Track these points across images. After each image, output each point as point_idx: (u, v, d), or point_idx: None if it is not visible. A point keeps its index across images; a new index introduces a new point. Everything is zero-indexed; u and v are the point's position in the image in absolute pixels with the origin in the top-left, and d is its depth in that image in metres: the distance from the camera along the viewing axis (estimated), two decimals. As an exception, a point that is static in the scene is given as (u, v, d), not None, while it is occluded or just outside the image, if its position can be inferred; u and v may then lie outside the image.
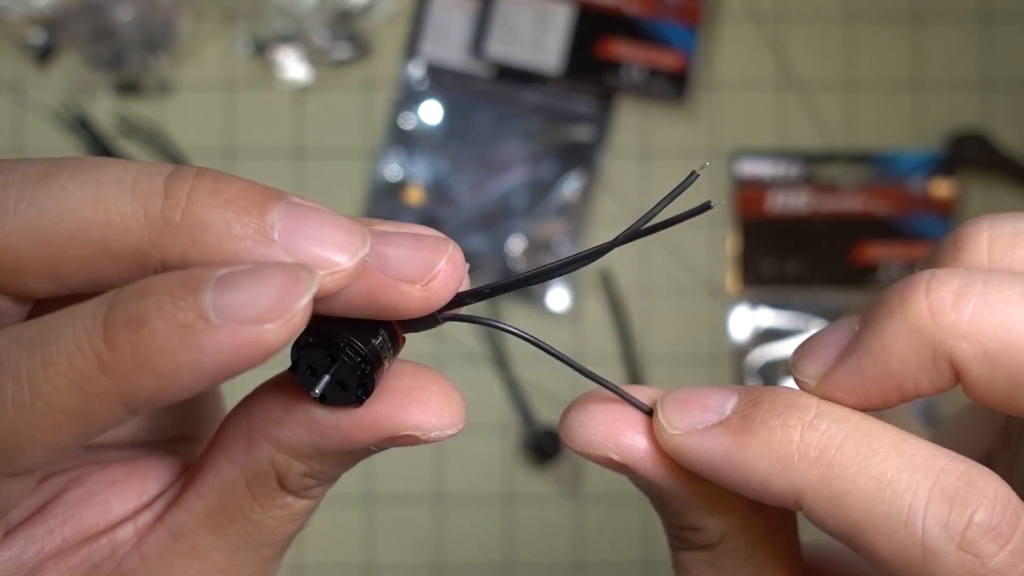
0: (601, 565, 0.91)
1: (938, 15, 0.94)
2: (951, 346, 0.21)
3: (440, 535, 0.90)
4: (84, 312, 0.20)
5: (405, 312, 0.23)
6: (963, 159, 0.92)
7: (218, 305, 0.19)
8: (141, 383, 0.19)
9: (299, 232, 0.21)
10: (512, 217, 0.92)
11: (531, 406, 0.90)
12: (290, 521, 0.25)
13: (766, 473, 0.22)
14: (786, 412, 0.22)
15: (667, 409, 0.24)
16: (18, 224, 0.21)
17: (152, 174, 0.21)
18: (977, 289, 0.21)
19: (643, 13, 0.92)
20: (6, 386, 0.20)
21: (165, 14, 0.91)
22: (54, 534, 0.25)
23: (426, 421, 0.23)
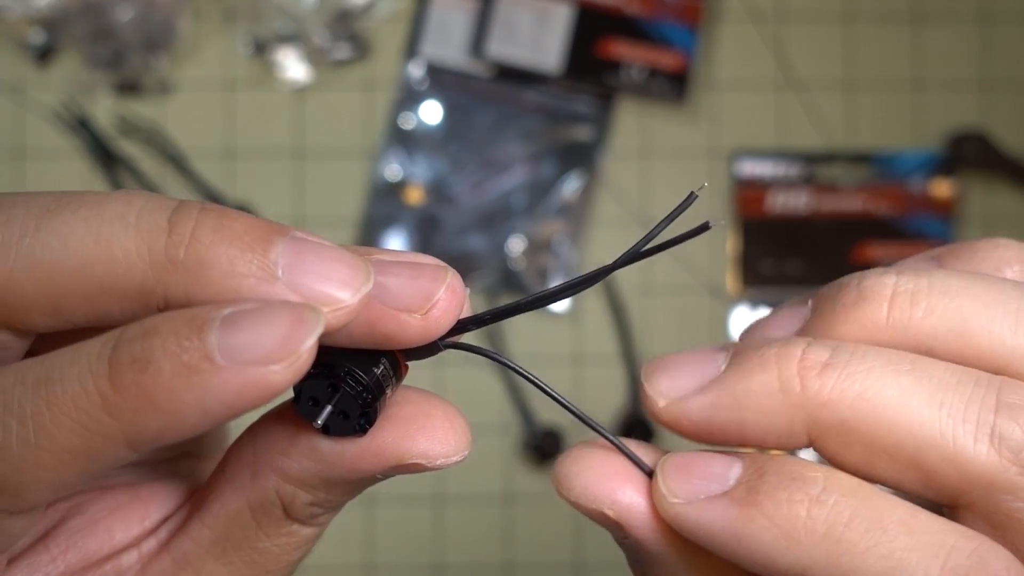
0: (601, 565, 0.91)
1: (938, 15, 0.94)
2: (811, 412, 0.22)
3: (440, 535, 0.90)
4: (89, 351, 0.20)
5: (405, 342, 0.23)
6: (963, 159, 0.92)
7: (223, 345, 0.19)
8: (146, 423, 0.19)
9: (302, 269, 0.21)
10: (512, 217, 0.92)
11: (531, 406, 0.90)
12: (294, 548, 0.25)
13: (771, 548, 0.21)
14: (792, 485, 0.21)
15: (668, 475, 0.23)
16: (21, 261, 0.21)
17: (155, 209, 0.21)
18: (843, 360, 0.22)
19: (643, 13, 0.92)
20: (10, 425, 0.20)
21: (165, 14, 0.91)
22: (57, 562, 0.24)
23: (431, 449, 0.23)
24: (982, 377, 0.22)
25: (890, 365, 0.22)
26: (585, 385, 0.91)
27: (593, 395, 0.91)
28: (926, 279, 0.23)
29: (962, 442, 0.21)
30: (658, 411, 0.23)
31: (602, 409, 0.91)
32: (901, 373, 0.22)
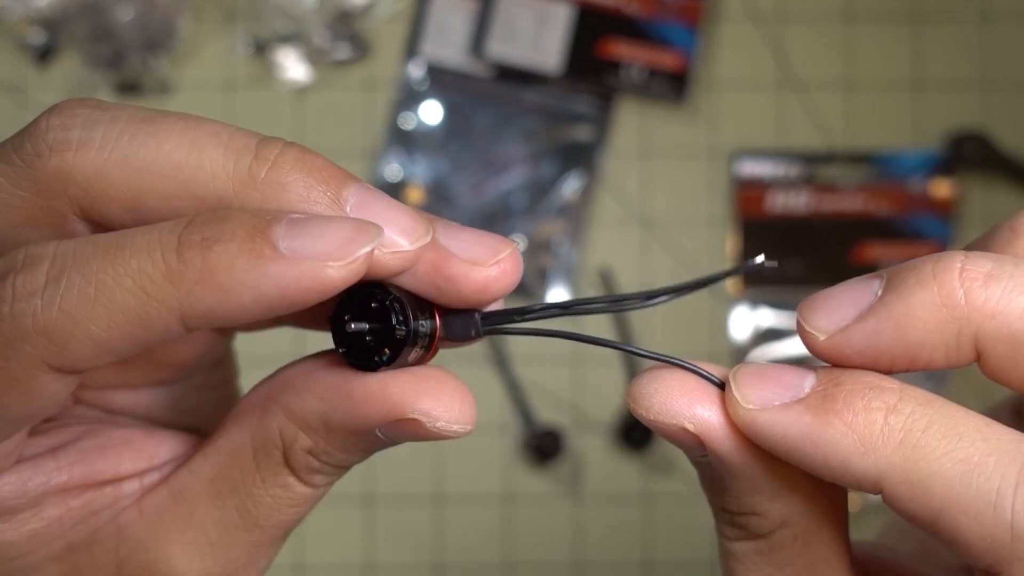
0: (601, 565, 0.91)
1: (938, 15, 0.94)
2: (979, 324, 0.21)
3: (440, 535, 0.90)
4: (162, 227, 0.21)
5: (463, 289, 0.24)
6: (963, 159, 0.92)
7: (288, 239, 0.21)
8: (202, 295, 0.21)
9: (369, 210, 0.23)
10: (512, 217, 0.92)
11: (531, 406, 0.90)
12: (287, 505, 0.25)
13: (848, 454, 0.21)
14: (870, 394, 0.22)
15: (741, 384, 0.23)
16: (117, 153, 0.22)
17: (246, 135, 0.23)
18: (1008, 272, 0.22)
19: (643, 13, 0.92)
20: (74, 278, 0.21)
21: (165, 14, 0.91)
22: (61, 472, 0.25)
23: (434, 410, 0.24)
24: None
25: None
26: (585, 385, 0.91)
27: (593, 395, 0.91)
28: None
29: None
30: (819, 346, 0.23)
31: (602, 409, 0.91)
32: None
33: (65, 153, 0.22)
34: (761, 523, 0.24)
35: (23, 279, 0.21)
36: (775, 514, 0.24)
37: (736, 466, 0.24)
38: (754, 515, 0.24)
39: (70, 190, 0.22)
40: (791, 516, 0.24)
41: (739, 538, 0.25)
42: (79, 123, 0.23)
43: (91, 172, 0.22)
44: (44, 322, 0.21)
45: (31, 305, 0.21)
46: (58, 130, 0.23)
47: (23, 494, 0.24)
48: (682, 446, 0.24)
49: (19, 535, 0.25)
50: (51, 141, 0.23)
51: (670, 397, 0.24)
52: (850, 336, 0.23)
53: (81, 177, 0.22)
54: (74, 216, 0.23)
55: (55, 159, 0.22)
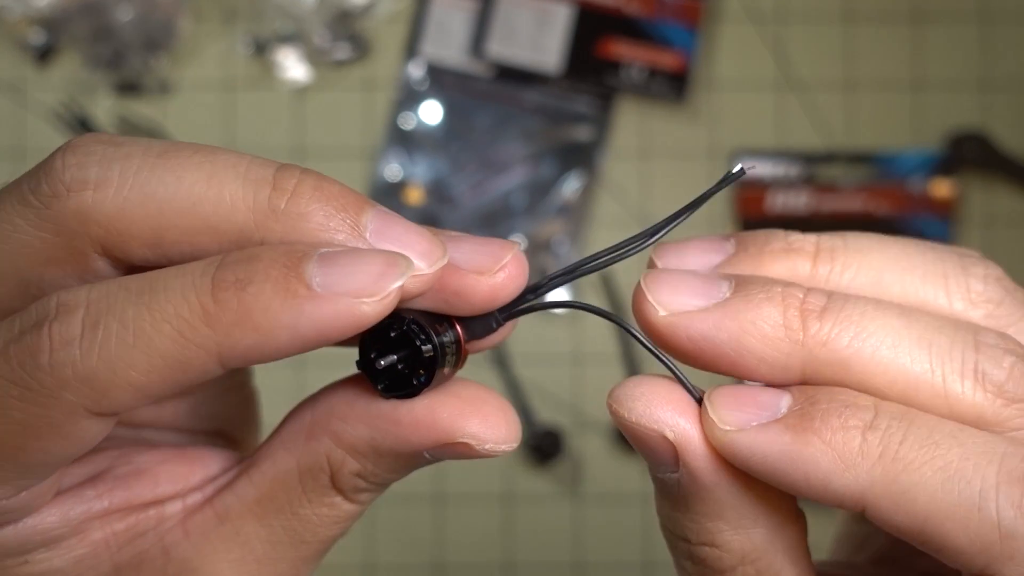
0: (601, 565, 0.91)
1: (938, 15, 0.94)
2: (810, 349, 0.23)
3: (440, 535, 0.90)
4: (193, 269, 0.22)
5: (472, 300, 0.24)
6: (963, 159, 0.92)
7: (320, 276, 0.21)
8: (240, 337, 0.21)
9: (387, 235, 0.23)
10: (512, 217, 0.92)
11: (531, 406, 0.90)
12: (333, 523, 0.26)
13: (828, 472, 0.22)
14: (846, 412, 0.22)
15: (717, 405, 0.23)
16: (135, 192, 0.22)
17: (263, 164, 0.23)
18: (839, 304, 0.23)
19: (643, 13, 0.92)
20: (111, 326, 0.21)
21: (165, 14, 0.91)
22: (103, 497, 0.26)
23: (483, 432, 0.24)
24: (960, 323, 0.23)
25: (880, 310, 0.23)
26: (585, 385, 0.91)
27: (593, 395, 0.91)
28: (841, 239, 0.25)
29: (950, 380, 0.22)
30: (655, 320, 0.24)
31: (602, 409, 0.91)
32: (892, 316, 0.23)
33: (84, 193, 0.22)
34: (721, 557, 0.24)
35: (59, 327, 0.21)
36: (736, 546, 0.24)
37: (706, 485, 0.24)
38: (713, 547, 0.24)
39: (91, 230, 0.22)
40: (753, 551, 0.24)
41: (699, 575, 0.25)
42: (95, 161, 0.23)
43: (112, 211, 0.22)
44: (84, 370, 0.21)
45: (70, 354, 0.21)
46: (75, 169, 0.22)
47: (66, 523, 0.25)
48: (655, 457, 0.24)
49: (66, 561, 0.25)
50: (68, 181, 0.22)
51: (654, 403, 0.24)
52: (691, 321, 0.23)
53: (102, 216, 0.22)
54: (95, 254, 0.23)
55: (74, 199, 0.22)
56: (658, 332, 0.24)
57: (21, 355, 0.21)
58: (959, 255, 0.25)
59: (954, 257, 0.25)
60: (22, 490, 0.23)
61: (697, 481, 0.24)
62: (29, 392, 0.21)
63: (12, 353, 0.21)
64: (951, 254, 0.25)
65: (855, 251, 0.25)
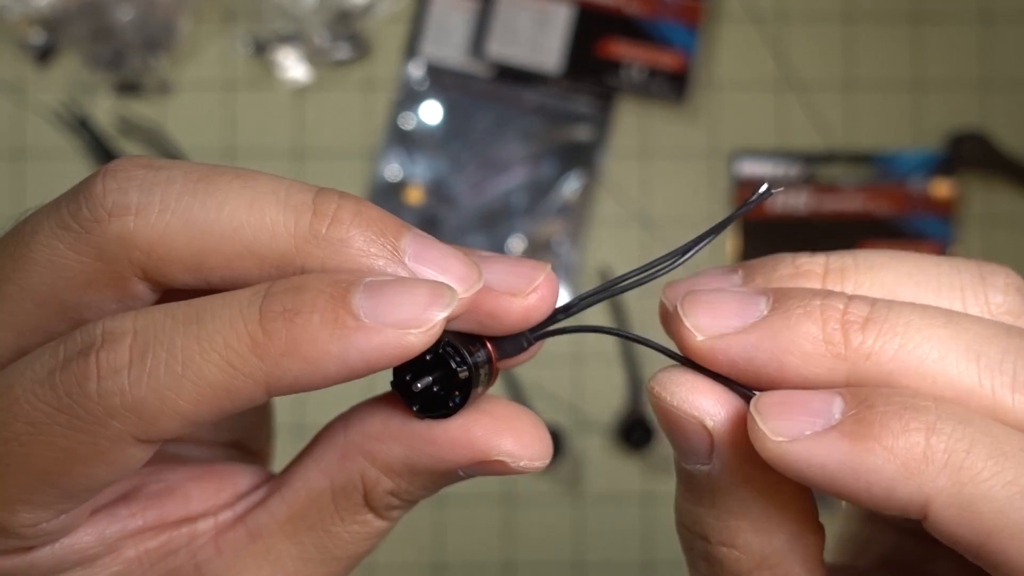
0: (601, 565, 0.91)
1: (938, 15, 0.94)
2: (853, 363, 0.22)
3: (440, 535, 0.90)
4: (240, 298, 0.22)
5: (506, 322, 0.24)
6: (963, 159, 0.92)
7: (367, 307, 0.21)
8: (288, 367, 0.21)
9: (426, 259, 0.23)
10: (512, 217, 0.92)
11: (531, 406, 0.90)
12: (364, 539, 0.26)
13: (892, 480, 0.21)
14: (906, 415, 0.21)
15: (766, 414, 0.22)
16: (177, 217, 0.22)
17: (302, 189, 0.23)
18: (883, 314, 0.22)
19: (643, 13, 0.92)
20: (160, 355, 0.21)
21: (165, 14, 0.91)
22: (136, 517, 0.26)
23: (517, 450, 0.24)
24: (1012, 329, 0.22)
25: (927, 318, 0.22)
26: (585, 385, 0.91)
27: (593, 395, 0.91)
28: (851, 258, 0.25)
29: (1000, 393, 0.22)
30: (694, 345, 0.23)
31: (602, 409, 0.91)
32: (938, 326, 0.22)
33: (125, 218, 0.22)
34: (739, 560, 0.24)
35: (107, 356, 0.21)
36: (756, 550, 0.24)
37: (736, 480, 0.23)
38: (733, 548, 0.24)
39: (132, 255, 0.22)
40: (772, 556, 0.24)
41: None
42: (136, 186, 0.23)
43: (154, 236, 0.22)
44: (133, 400, 0.21)
45: (118, 383, 0.21)
46: (116, 194, 0.22)
47: (102, 542, 0.25)
48: (688, 446, 0.24)
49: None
50: (110, 206, 0.22)
51: (698, 390, 0.23)
52: (729, 344, 0.23)
53: (143, 242, 0.22)
54: (135, 278, 0.23)
55: (116, 224, 0.22)
56: (699, 357, 0.23)
57: (68, 383, 0.21)
58: (977, 265, 0.24)
59: (972, 268, 0.24)
60: (62, 514, 0.23)
61: (728, 475, 0.23)
62: (76, 420, 0.21)
63: (58, 381, 0.21)
64: (968, 265, 0.24)
65: (866, 269, 0.25)
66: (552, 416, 0.90)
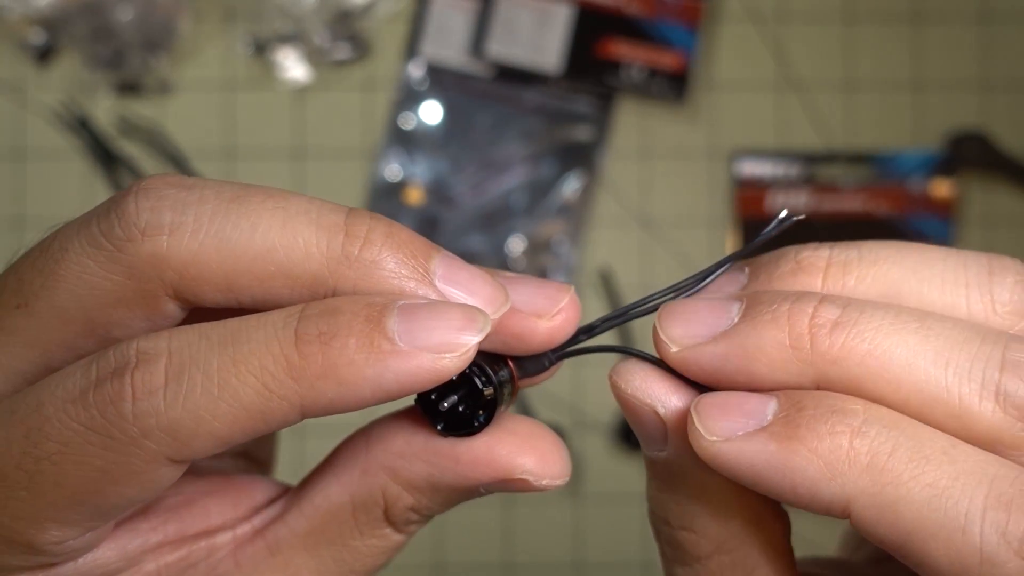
0: (601, 565, 0.91)
1: (938, 15, 0.94)
2: (821, 368, 0.22)
3: (440, 535, 0.90)
4: (275, 320, 0.22)
5: (531, 343, 0.25)
6: (963, 159, 0.92)
7: (402, 330, 0.22)
8: (324, 390, 0.21)
9: (455, 281, 0.24)
10: (512, 217, 0.92)
11: (531, 406, 0.90)
12: (381, 553, 0.26)
13: (815, 480, 0.21)
14: (833, 418, 0.21)
15: (703, 414, 0.23)
16: (211, 237, 0.22)
17: (334, 210, 0.23)
18: (853, 319, 0.22)
19: (643, 13, 0.92)
20: (196, 377, 0.21)
21: (165, 14, 0.91)
22: (157, 530, 0.26)
23: (540, 468, 0.24)
24: (988, 334, 0.22)
25: (898, 323, 0.22)
26: (585, 385, 0.91)
27: (593, 395, 0.91)
28: (856, 250, 0.25)
29: (967, 400, 0.21)
30: (669, 356, 0.24)
31: (602, 409, 0.91)
32: (908, 331, 0.22)
33: (159, 238, 0.22)
34: (698, 543, 0.24)
35: (142, 376, 0.21)
36: (713, 533, 0.24)
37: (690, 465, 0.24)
38: (692, 532, 0.24)
39: (165, 274, 0.22)
40: (729, 540, 0.24)
41: (678, 561, 0.25)
42: (169, 205, 0.23)
43: (187, 257, 0.22)
44: (168, 421, 0.21)
45: (154, 404, 0.21)
46: (149, 213, 0.22)
47: (124, 557, 0.25)
48: (645, 432, 0.24)
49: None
50: (143, 225, 0.22)
51: (652, 380, 0.24)
52: (700, 354, 0.23)
53: (177, 262, 0.22)
54: (166, 297, 0.23)
55: (148, 244, 0.22)
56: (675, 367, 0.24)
57: (102, 403, 0.21)
58: (987, 260, 0.24)
59: (981, 263, 0.24)
60: (89, 531, 0.23)
61: (682, 460, 0.24)
62: (110, 440, 0.21)
63: (92, 400, 0.21)
64: (977, 259, 0.24)
65: (870, 262, 0.24)
66: (552, 416, 0.90)
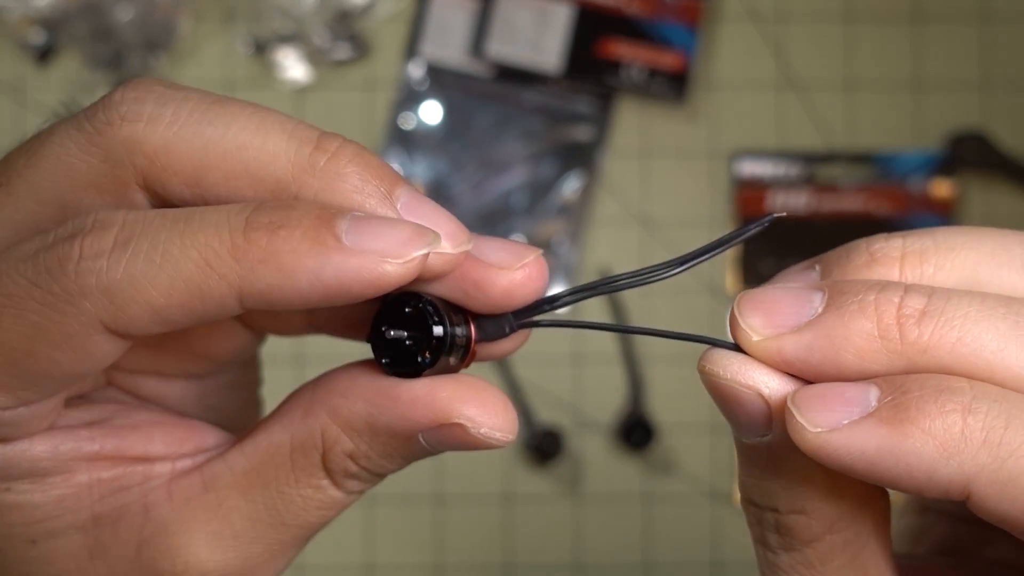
0: (601, 565, 0.91)
1: (938, 15, 0.94)
2: (910, 358, 0.22)
3: (440, 535, 0.90)
4: (230, 208, 0.23)
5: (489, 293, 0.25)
6: (963, 159, 0.92)
7: (350, 233, 0.22)
8: (263, 274, 0.22)
9: (417, 211, 0.24)
10: (512, 217, 0.92)
11: (531, 406, 0.90)
12: (316, 508, 0.26)
13: (932, 462, 0.21)
14: (942, 397, 0.21)
15: (803, 407, 0.22)
16: (185, 129, 0.23)
17: (309, 127, 0.24)
18: (940, 308, 0.22)
19: (643, 13, 0.92)
20: (142, 245, 0.22)
21: (165, 14, 0.91)
22: (94, 441, 0.26)
23: (480, 417, 0.24)
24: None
25: (985, 309, 0.22)
26: (585, 385, 0.91)
27: (593, 395, 0.91)
28: (931, 238, 0.24)
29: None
30: (751, 345, 0.23)
31: (602, 409, 0.91)
32: (997, 317, 0.22)
33: (136, 124, 0.23)
34: (810, 525, 0.24)
35: (91, 241, 0.22)
36: (825, 514, 0.24)
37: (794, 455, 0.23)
38: (803, 515, 0.24)
39: (136, 160, 0.23)
40: (841, 519, 0.24)
41: (784, 548, 0.24)
42: (153, 98, 0.24)
43: (159, 144, 0.23)
44: (108, 282, 0.22)
45: (96, 265, 0.22)
46: (132, 103, 0.24)
47: (54, 456, 0.25)
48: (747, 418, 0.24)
49: (47, 498, 0.25)
50: (124, 112, 0.23)
51: (749, 364, 0.23)
52: (784, 344, 0.23)
53: (149, 148, 0.23)
54: (136, 186, 0.24)
55: (126, 128, 0.23)
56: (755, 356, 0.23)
57: (49, 261, 0.22)
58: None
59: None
60: (21, 404, 0.23)
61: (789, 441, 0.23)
62: (50, 296, 0.22)
63: (41, 259, 0.22)
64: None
65: (946, 249, 0.24)
66: (552, 416, 0.90)
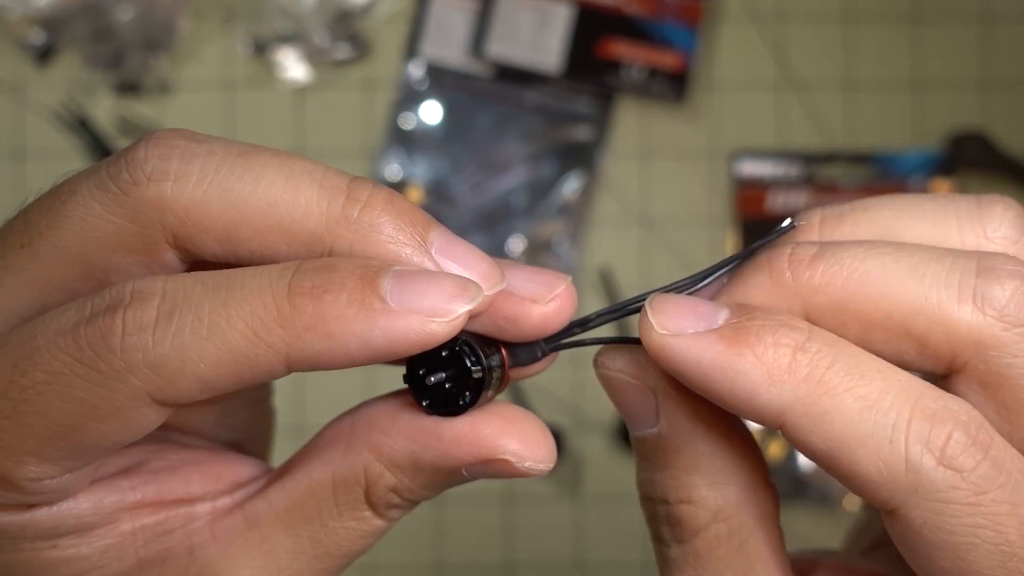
0: (601, 565, 0.91)
1: (938, 15, 0.94)
2: (806, 298, 0.24)
3: (440, 535, 0.90)
4: (271, 271, 0.22)
5: (523, 327, 0.25)
6: (963, 159, 0.92)
7: (394, 292, 0.22)
8: (311, 342, 0.22)
9: (451, 254, 0.24)
10: (512, 217, 0.92)
11: (531, 406, 0.90)
12: (360, 538, 0.26)
13: (755, 385, 0.22)
14: (780, 331, 0.23)
15: (657, 310, 0.24)
16: (214, 186, 0.23)
17: (337, 174, 0.24)
18: (830, 251, 0.24)
19: (643, 13, 0.92)
20: (186, 317, 0.22)
21: (165, 14, 0.91)
22: (136, 490, 0.26)
23: (523, 451, 0.24)
24: (961, 252, 0.24)
25: (874, 249, 0.24)
26: (585, 385, 0.91)
27: (593, 395, 0.91)
28: (848, 205, 0.26)
29: (946, 305, 0.23)
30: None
31: (602, 409, 0.91)
32: (884, 254, 0.24)
33: (164, 183, 0.23)
34: (697, 515, 0.25)
35: (134, 313, 0.22)
36: (711, 503, 0.25)
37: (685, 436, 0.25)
38: (691, 504, 0.25)
39: (166, 219, 0.23)
40: (726, 507, 0.25)
41: (677, 539, 0.26)
42: (178, 155, 0.23)
43: (189, 203, 0.23)
44: (155, 358, 0.21)
45: (142, 340, 0.21)
46: (157, 160, 0.23)
47: (99, 511, 0.25)
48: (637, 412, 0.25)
49: (94, 549, 0.25)
50: (150, 171, 0.23)
51: (637, 361, 0.25)
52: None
53: (179, 207, 0.23)
54: (166, 245, 0.23)
55: (153, 188, 0.23)
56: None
57: (91, 336, 0.22)
58: (976, 198, 0.25)
59: (968, 199, 0.25)
60: (67, 472, 0.23)
61: (676, 432, 0.25)
62: (96, 374, 0.22)
63: (83, 334, 0.22)
64: (967, 198, 0.25)
65: (861, 209, 0.26)
66: (552, 416, 0.90)
